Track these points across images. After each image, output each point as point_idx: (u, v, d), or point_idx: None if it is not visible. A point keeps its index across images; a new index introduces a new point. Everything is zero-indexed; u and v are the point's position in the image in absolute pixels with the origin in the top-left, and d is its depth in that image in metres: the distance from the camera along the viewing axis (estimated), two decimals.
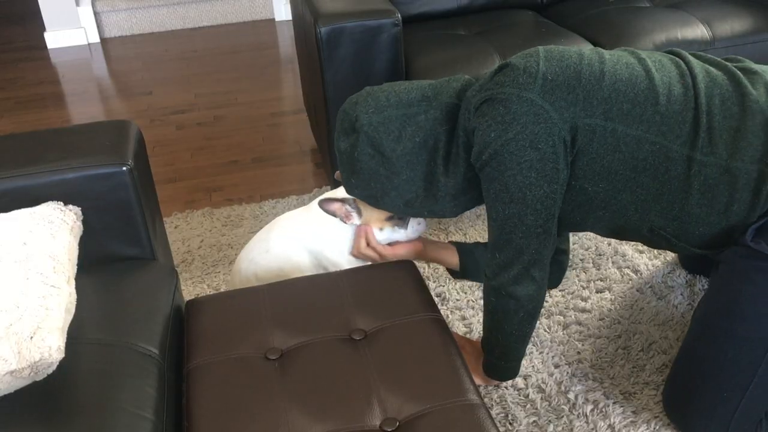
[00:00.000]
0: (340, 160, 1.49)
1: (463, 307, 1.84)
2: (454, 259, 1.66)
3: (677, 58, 1.37)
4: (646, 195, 1.32)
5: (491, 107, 1.29)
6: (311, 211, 1.61)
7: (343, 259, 1.57)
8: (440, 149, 1.41)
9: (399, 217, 1.57)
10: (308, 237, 1.58)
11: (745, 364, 1.33)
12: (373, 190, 1.46)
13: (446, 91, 1.44)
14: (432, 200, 1.45)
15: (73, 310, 1.13)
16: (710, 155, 1.27)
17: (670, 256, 1.98)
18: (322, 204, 1.56)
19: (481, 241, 1.93)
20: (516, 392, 1.58)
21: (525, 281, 1.37)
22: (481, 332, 1.53)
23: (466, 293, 1.89)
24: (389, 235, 1.58)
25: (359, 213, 1.56)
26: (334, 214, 1.56)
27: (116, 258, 1.42)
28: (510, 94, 1.27)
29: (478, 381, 1.58)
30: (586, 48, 1.37)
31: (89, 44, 4.20)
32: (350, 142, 1.44)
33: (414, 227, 1.60)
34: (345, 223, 1.57)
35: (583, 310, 1.81)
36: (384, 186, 1.44)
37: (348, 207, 1.55)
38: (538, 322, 1.77)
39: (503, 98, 1.28)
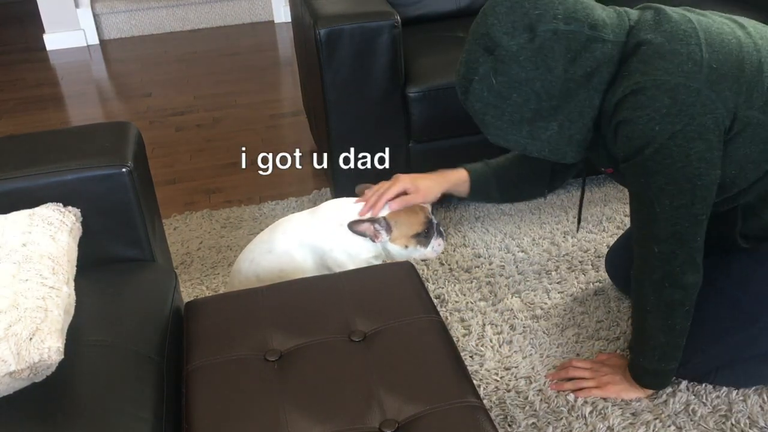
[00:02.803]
0: (483, 49, 1.29)
1: (462, 308, 1.85)
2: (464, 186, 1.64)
3: None
4: (761, 178, 1.34)
5: (652, 98, 1.22)
6: (318, 212, 1.62)
7: (350, 261, 1.57)
8: (599, 93, 1.28)
9: (424, 237, 1.57)
10: (315, 238, 1.58)
11: (726, 320, 1.45)
12: (507, 103, 1.30)
13: (622, 26, 1.29)
14: (564, 140, 1.33)
15: (72, 312, 1.13)
16: None
17: None
18: (351, 226, 1.54)
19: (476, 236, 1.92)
20: (515, 394, 1.58)
21: (691, 269, 1.34)
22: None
23: (465, 295, 1.89)
24: (411, 253, 1.59)
25: (388, 231, 1.56)
26: (363, 234, 1.55)
27: (115, 259, 1.42)
28: (677, 84, 1.20)
29: (634, 395, 1.52)
30: (736, 28, 1.30)
31: (88, 46, 4.21)
32: (519, 42, 1.25)
33: (434, 248, 1.60)
34: (374, 241, 1.56)
35: (582, 312, 1.81)
36: (525, 104, 1.29)
37: (377, 226, 1.55)
38: (537, 323, 1.78)
39: (669, 88, 1.21)
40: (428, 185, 1.59)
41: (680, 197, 1.28)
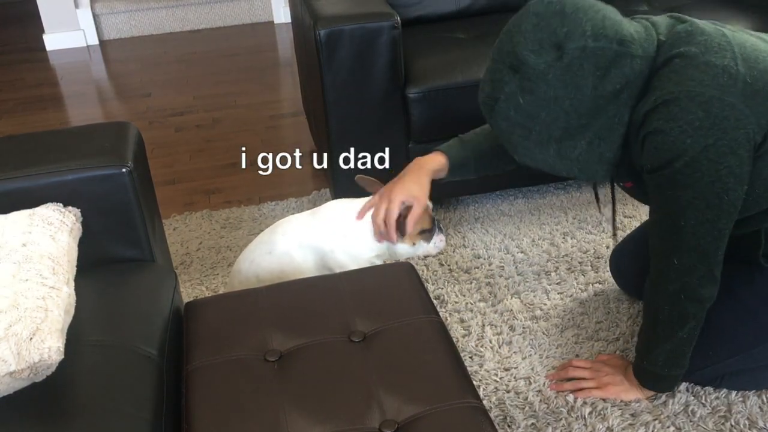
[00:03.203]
0: (509, 67, 1.26)
1: (462, 309, 1.85)
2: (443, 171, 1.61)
3: None
4: None
5: (685, 110, 1.20)
6: (319, 213, 1.62)
7: (352, 261, 1.58)
8: (629, 108, 1.26)
9: (428, 233, 1.59)
10: (317, 239, 1.59)
11: (740, 333, 1.43)
12: (535, 122, 1.26)
13: (650, 40, 1.26)
14: (594, 159, 1.31)
15: (72, 312, 1.13)
16: None
17: None
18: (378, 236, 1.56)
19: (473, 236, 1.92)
20: (515, 395, 1.58)
21: (710, 283, 1.33)
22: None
23: (464, 296, 1.89)
24: (416, 250, 1.61)
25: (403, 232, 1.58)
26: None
27: (115, 259, 1.42)
28: (711, 97, 1.18)
29: (634, 396, 1.52)
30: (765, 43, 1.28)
31: (88, 46, 4.21)
32: (547, 60, 1.22)
33: (436, 244, 1.62)
34: (379, 242, 1.58)
35: (582, 313, 1.81)
36: (554, 123, 1.26)
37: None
38: (537, 324, 1.78)
39: (703, 100, 1.18)
40: (419, 187, 1.55)
41: (707, 212, 1.25)
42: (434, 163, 1.60)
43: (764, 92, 1.22)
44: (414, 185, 1.55)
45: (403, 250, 1.60)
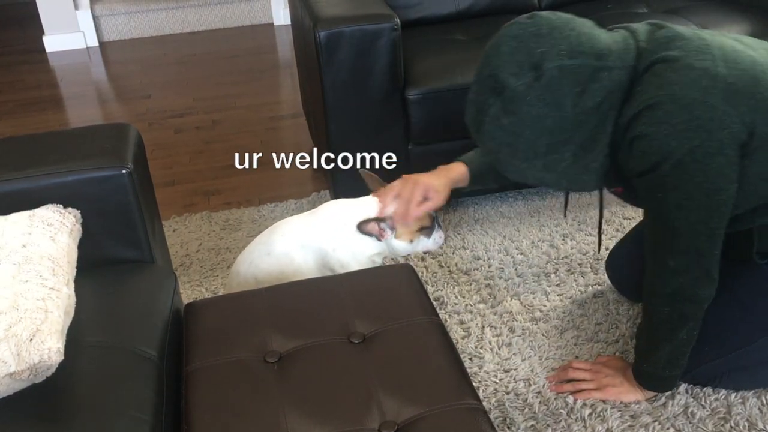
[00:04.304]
0: (490, 90, 1.28)
1: (461, 311, 1.85)
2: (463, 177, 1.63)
3: None
4: None
5: (669, 113, 1.21)
6: (318, 213, 1.63)
7: (353, 260, 1.58)
8: (611, 118, 1.28)
9: (428, 229, 1.61)
10: (317, 239, 1.59)
11: (737, 334, 1.44)
12: (520, 140, 1.29)
13: (628, 50, 1.29)
14: (580, 170, 1.33)
15: (72, 313, 1.13)
16: None
17: None
18: (360, 227, 1.56)
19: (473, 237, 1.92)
20: (514, 396, 1.58)
21: (706, 283, 1.33)
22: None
23: (464, 297, 1.89)
24: (415, 247, 1.63)
25: (392, 228, 1.59)
26: (370, 234, 1.58)
27: (115, 261, 1.42)
28: (693, 99, 1.20)
29: (633, 398, 1.52)
30: (746, 48, 1.30)
31: (88, 48, 4.21)
32: (526, 82, 1.24)
33: (436, 240, 1.65)
34: (379, 240, 1.59)
35: (581, 315, 1.81)
36: (538, 140, 1.28)
37: (382, 224, 1.57)
38: (536, 326, 1.78)
39: (685, 103, 1.20)
40: (442, 184, 1.58)
41: (698, 212, 1.26)
42: (455, 171, 1.63)
43: (745, 91, 1.23)
44: (438, 181, 1.58)
45: (401, 247, 1.61)
